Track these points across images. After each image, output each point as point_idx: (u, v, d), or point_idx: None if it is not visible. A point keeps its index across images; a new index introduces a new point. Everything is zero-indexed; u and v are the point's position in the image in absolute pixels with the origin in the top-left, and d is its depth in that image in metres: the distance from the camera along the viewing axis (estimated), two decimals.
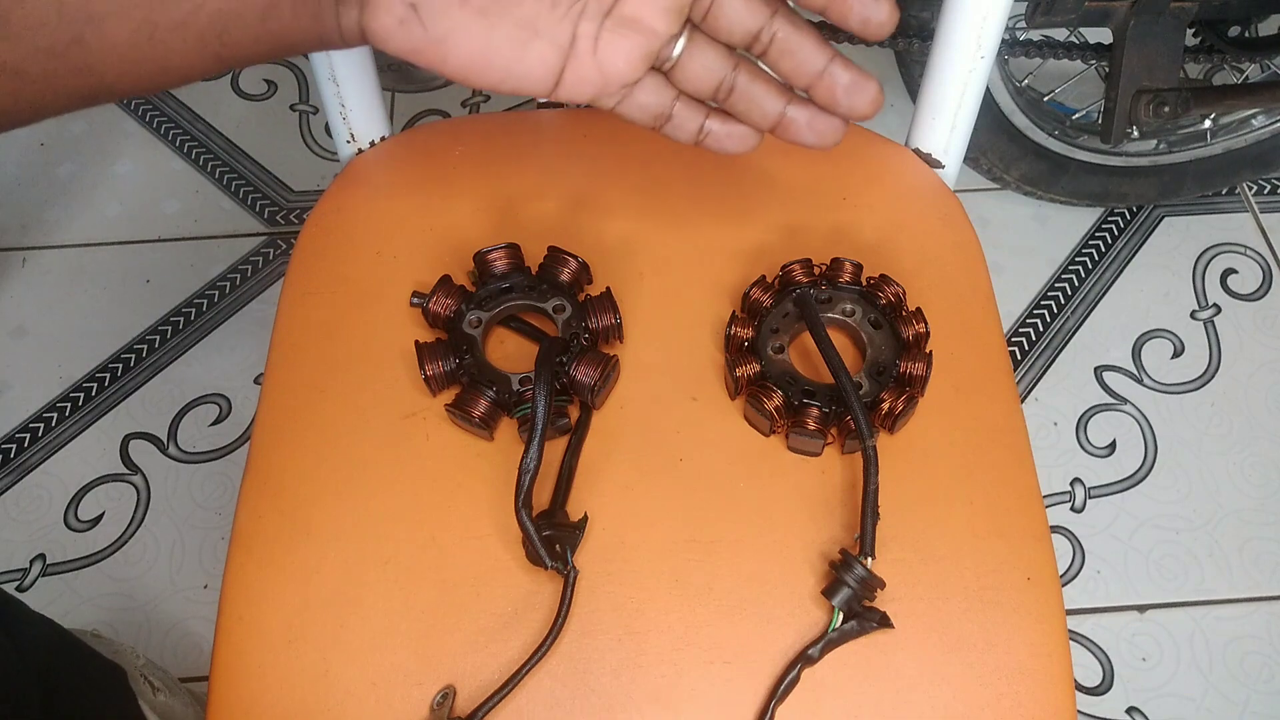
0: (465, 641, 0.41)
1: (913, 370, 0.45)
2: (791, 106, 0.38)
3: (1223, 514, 0.95)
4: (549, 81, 0.36)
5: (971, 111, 0.53)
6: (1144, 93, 0.91)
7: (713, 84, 0.38)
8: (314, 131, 1.21)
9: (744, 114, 0.39)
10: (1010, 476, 0.45)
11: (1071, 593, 0.91)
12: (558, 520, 0.43)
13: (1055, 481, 0.97)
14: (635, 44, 0.36)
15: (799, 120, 0.38)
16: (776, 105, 0.38)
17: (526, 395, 0.45)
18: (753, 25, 0.36)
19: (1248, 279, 1.09)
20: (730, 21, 0.36)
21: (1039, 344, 1.05)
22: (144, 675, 0.73)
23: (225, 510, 0.94)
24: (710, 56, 0.37)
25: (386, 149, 0.57)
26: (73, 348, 1.03)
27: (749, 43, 0.37)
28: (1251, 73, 1.11)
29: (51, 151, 1.18)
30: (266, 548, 0.43)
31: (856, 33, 0.35)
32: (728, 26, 0.37)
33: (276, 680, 0.41)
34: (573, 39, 0.35)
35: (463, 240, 0.52)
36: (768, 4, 0.36)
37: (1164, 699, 0.86)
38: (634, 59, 0.36)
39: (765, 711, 0.39)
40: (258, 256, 1.10)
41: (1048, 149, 1.05)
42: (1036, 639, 0.41)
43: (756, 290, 0.48)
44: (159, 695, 0.73)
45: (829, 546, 0.43)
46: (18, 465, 0.96)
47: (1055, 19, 0.86)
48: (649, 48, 0.36)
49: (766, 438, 0.46)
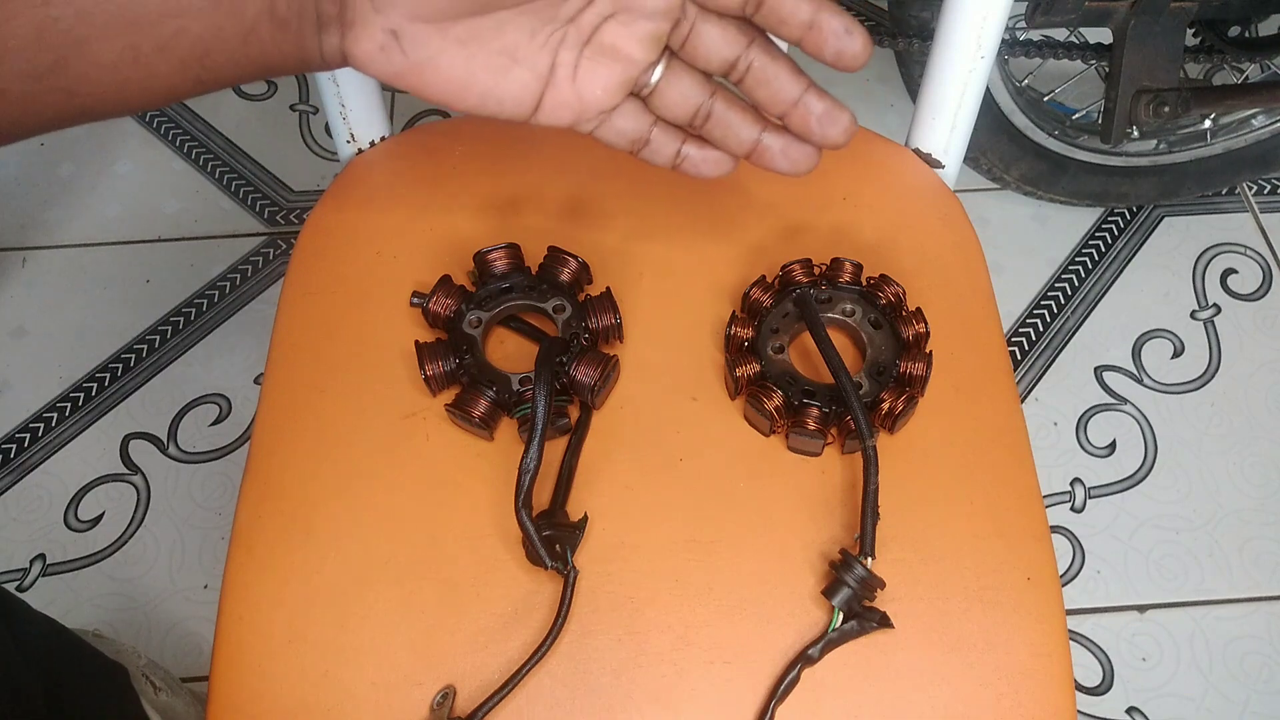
0: (465, 641, 0.41)
1: (913, 370, 0.45)
2: (766, 134, 0.39)
3: (1223, 514, 0.95)
4: (528, 106, 0.37)
5: (971, 111, 0.53)
6: (1144, 93, 0.91)
7: (690, 110, 0.39)
8: (314, 131, 1.21)
9: (720, 140, 0.40)
10: (1010, 476, 0.45)
11: (1071, 593, 0.91)
12: (558, 520, 0.43)
13: (1055, 481, 0.97)
14: (613, 72, 0.37)
15: (773, 148, 0.39)
16: (752, 133, 0.39)
17: (526, 395, 0.45)
18: (729, 54, 0.37)
19: (1248, 279, 1.09)
20: (707, 50, 0.37)
21: (1039, 344, 1.05)
22: (146, 675, 0.73)
23: (225, 510, 0.94)
24: (687, 84, 0.38)
25: (386, 149, 0.57)
26: (73, 348, 1.03)
27: (726, 70, 0.38)
28: (1251, 73, 1.11)
29: (51, 151, 1.18)
30: (266, 548, 0.43)
31: (831, 64, 0.36)
32: (705, 55, 0.37)
33: (276, 680, 0.41)
34: (552, 67, 0.36)
35: (463, 240, 0.52)
36: (744, 33, 0.37)
37: (1164, 699, 0.86)
38: (612, 86, 0.37)
39: (765, 711, 0.39)
40: (258, 256, 1.10)
41: (1048, 149, 1.05)
42: (1036, 639, 0.41)
43: (756, 290, 0.48)
44: (161, 695, 0.73)
45: (829, 546, 0.43)
46: (18, 465, 0.96)
47: (1055, 19, 0.86)
48: (627, 75, 0.37)
49: (766, 438, 0.46)
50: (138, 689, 0.69)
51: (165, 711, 0.71)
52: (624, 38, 0.36)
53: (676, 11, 0.36)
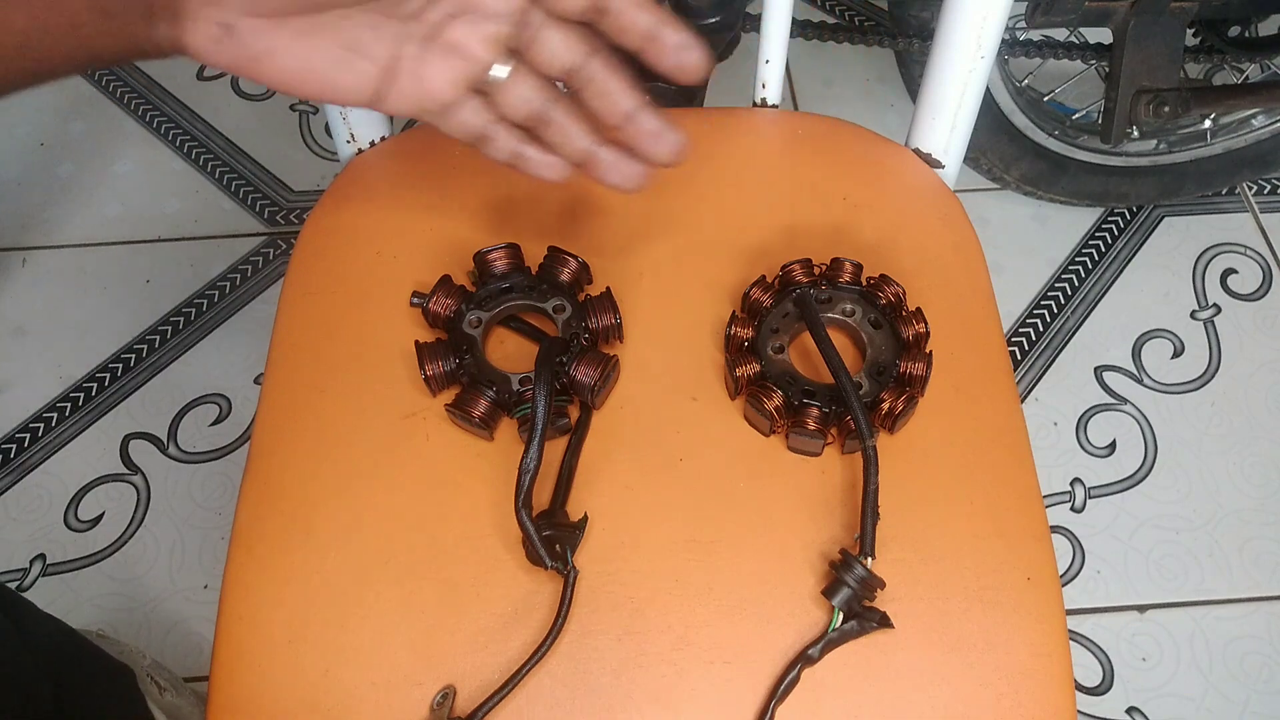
0: (465, 641, 0.41)
1: (913, 370, 0.45)
2: (601, 147, 0.40)
3: (1223, 514, 0.95)
4: (368, 95, 0.38)
5: (971, 111, 0.53)
6: (1144, 93, 0.91)
7: (530, 112, 0.40)
8: (314, 131, 1.21)
9: (557, 146, 0.41)
10: (1010, 476, 0.45)
11: (1071, 593, 0.91)
12: (558, 520, 0.43)
13: (1055, 481, 0.97)
14: (456, 67, 0.38)
15: (605, 160, 0.41)
16: (586, 143, 0.40)
17: (526, 395, 0.45)
18: (569, 61, 0.39)
19: (1248, 279, 1.09)
20: (549, 55, 0.39)
21: (1039, 344, 1.05)
22: (151, 676, 0.73)
23: (225, 510, 0.94)
24: (529, 87, 0.39)
25: (386, 149, 0.57)
26: (73, 348, 1.03)
27: (566, 77, 0.39)
28: (1251, 73, 1.11)
29: (51, 151, 1.18)
30: (266, 548, 0.43)
31: (672, 76, 0.38)
32: (547, 60, 0.39)
33: (276, 680, 0.41)
34: (395, 59, 0.37)
35: (463, 240, 0.52)
36: (586, 44, 0.38)
37: (1164, 699, 0.86)
38: (454, 80, 0.38)
39: (765, 711, 0.39)
40: (258, 256, 1.10)
41: (1048, 149, 1.05)
42: (1036, 639, 0.41)
43: (756, 290, 0.48)
44: (166, 695, 0.73)
45: (829, 546, 0.43)
46: (18, 465, 0.96)
47: (1055, 19, 0.86)
48: (469, 73, 0.38)
49: (766, 438, 0.46)
50: (143, 689, 0.69)
51: (171, 712, 0.71)
52: (469, 36, 0.37)
53: (519, 15, 0.37)
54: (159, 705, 0.70)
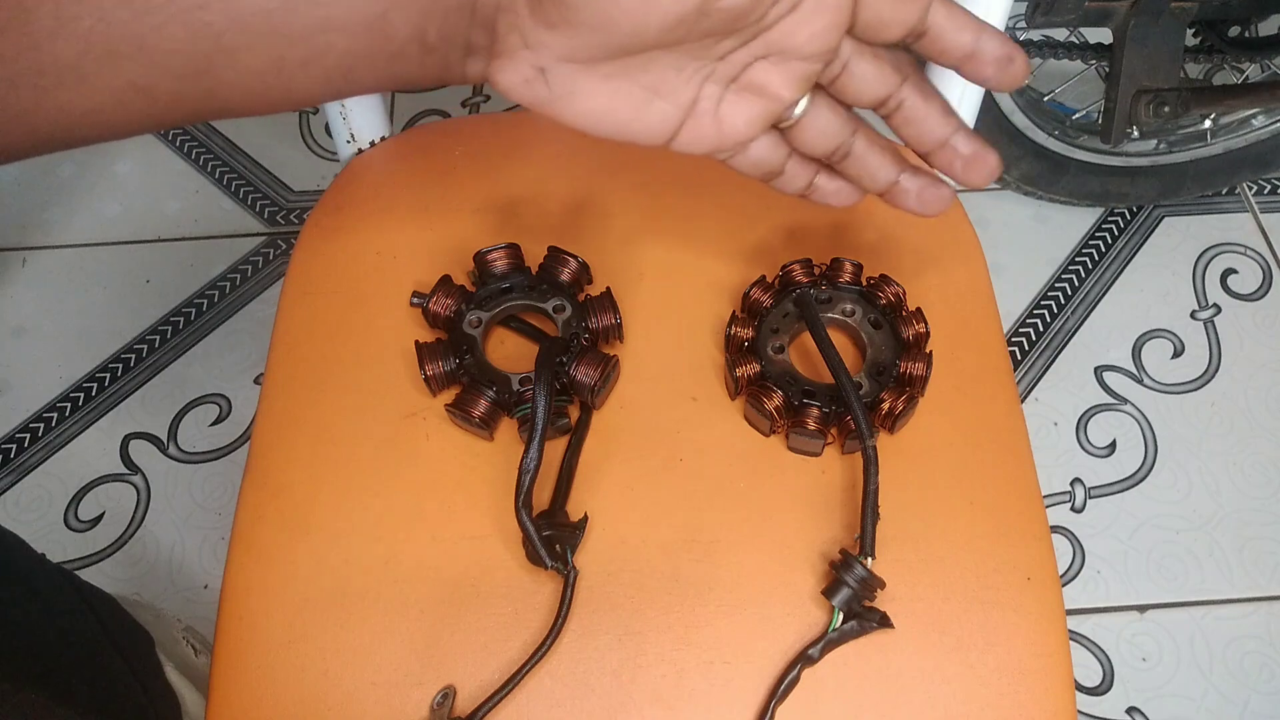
0: (465, 641, 0.41)
1: (913, 370, 0.45)
2: (904, 175, 0.38)
3: (1223, 514, 0.95)
4: (664, 137, 0.36)
5: (971, 111, 0.53)
6: (1144, 93, 0.91)
7: (829, 147, 0.38)
8: (314, 131, 1.21)
9: (855, 178, 0.39)
10: (1010, 476, 0.45)
11: (1071, 593, 0.91)
12: (558, 520, 0.43)
13: (1055, 481, 0.97)
14: (758, 107, 0.36)
15: (910, 190, 0.38)
16: (890, 174, 0.38)
17: (526, 395, 0.45)
18: (881, 91, 0.36)
19: (1248, 279, 1.09)
20: (859, 87, 0.36)
21: (1039, 344, 1.05)
22: (186, 639, 0.73)
23: (225, 510, 0.94)
24: (829, 120, 0.37)
25: (386, 149, 0.57)
26: (73, 348, 1.03)
27: (875, 106, 0.37)
28: (1251, 73, 1.11)
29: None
30: (266, 548, 0.43)
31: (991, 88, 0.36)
32: (855, 92, 0.36)
33: (276, 680, 0.41)
34: (695, 100, 0.35)
35: (463, 240, 0.52)
36: (898, 70, 0.36)
37: (1164, 699, 0.86)
38: (754, 120, 0.36)
39: (765, 711, 0.39)
40: (258, 256, 1.10)
41: (1048, 149, 1.05)
42: (1036, 639, 0.41)
43: (756, 290, 0.48)
44: (201, 658, 0.73)
45: (829, 546, 0.43)
46: (18, 465, 0.96)
47: (1055, 19, 0.86)
48: (770, 111, 0.36)
49: (766, 438, 0.46)
50: (175, 654, 0.69)
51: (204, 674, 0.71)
52: (773, 76, 0.35)
53: (832, 54, 0.35)
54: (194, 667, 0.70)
